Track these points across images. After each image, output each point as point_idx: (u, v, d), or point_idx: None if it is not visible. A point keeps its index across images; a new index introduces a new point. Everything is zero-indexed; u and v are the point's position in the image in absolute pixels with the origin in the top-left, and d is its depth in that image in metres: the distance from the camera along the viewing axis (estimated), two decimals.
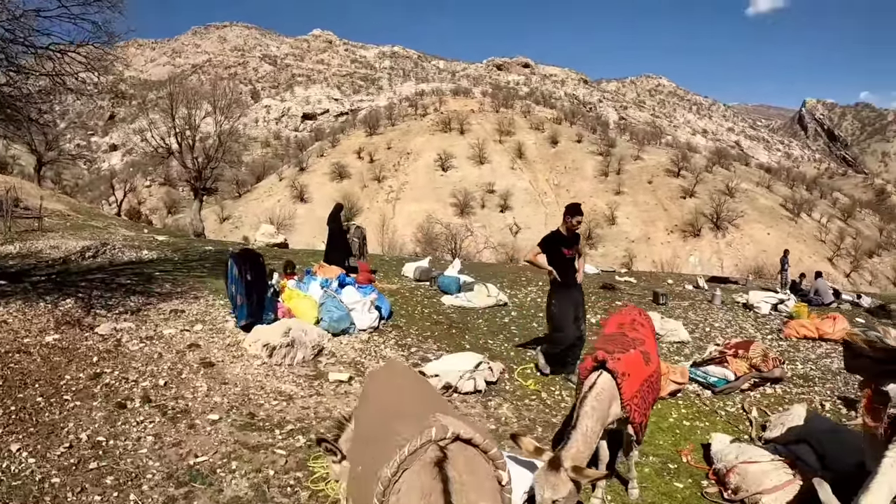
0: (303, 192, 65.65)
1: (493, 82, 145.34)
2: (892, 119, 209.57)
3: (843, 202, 79.99)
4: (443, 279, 12.36)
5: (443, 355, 7.54)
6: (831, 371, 8.09)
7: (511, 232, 59.92)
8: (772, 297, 12.39)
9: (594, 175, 70.41)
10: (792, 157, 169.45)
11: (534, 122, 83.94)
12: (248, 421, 5.16)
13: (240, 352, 6.88)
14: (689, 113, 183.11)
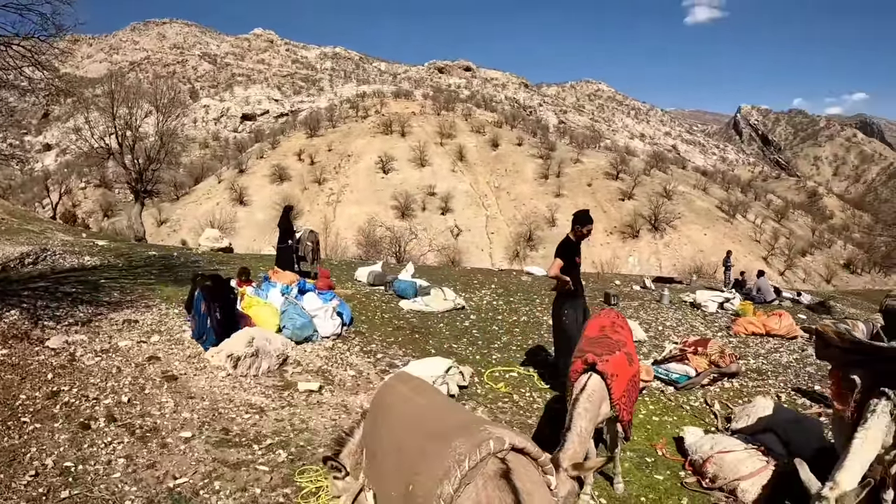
0: (242, 195, 63.80)
1: (434, 85, 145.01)
2: (823, 125, 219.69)
3: (776, 204, 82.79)
4: (399, 284, 12.22)
5: (410, 361, 7.45)
6: (782, 364, 8.47)
7: (452, 234, 60.05)
8: (718, 296, 12.83)
9: (534, 178, 71.20)
10: (727, 160, 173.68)
11: (475, 125, 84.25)
12: (222, 437, 4.92)
13: (202, 363, 6.57)
14: (627, 117, 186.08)
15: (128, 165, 22.06)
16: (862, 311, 14.98)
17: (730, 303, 12.49)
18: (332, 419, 5.65)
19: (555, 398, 6.86)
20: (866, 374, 3.94)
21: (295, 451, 4.84)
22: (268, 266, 13.28)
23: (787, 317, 10.31)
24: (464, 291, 12.81)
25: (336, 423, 5.54)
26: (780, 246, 59.84)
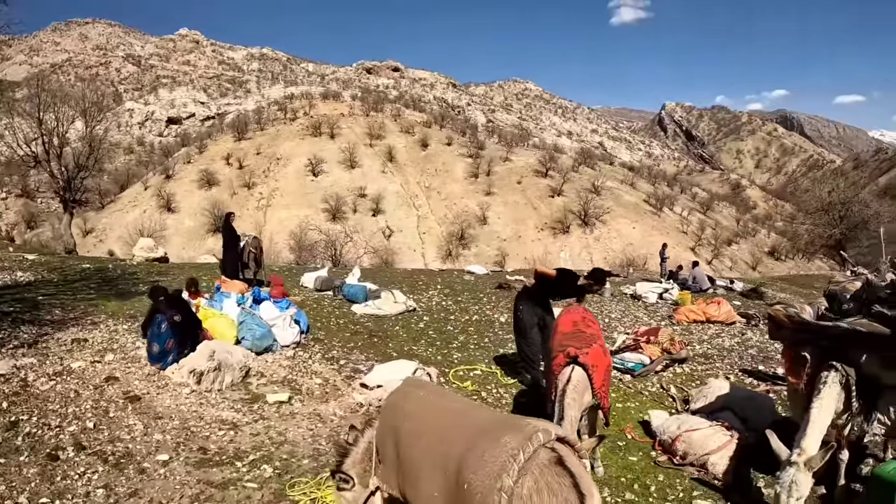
0: (170, 202, 60.60)
1: (362, 86, 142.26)
2: (745, 120, 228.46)
3: (701, 196, 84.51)
4: (348, 288, 12.06)
5: (373, 365, 7.39)
6: (725, 348, 8.94)
7: (384, 236, 59.30)
8: (657, 287, 13.35)
9: (465, 177, 71.11)
10: (653, 156, 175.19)
11: (404, 125, 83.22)
12: (202, 457, 4.72)
13: (163, 381, 6.26)
14: (554, 116, 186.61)
15: (55, 173, 20.56)
16: (791, 295, 15.98)
17: (668, 293, 13.02)
18: (308, 429, 5.52)
19: (521, 392, 6.99)
20: (815, 350, 4.36)
21: (280, 465, 4.71)
22: (210, 275, 12.81)
23: (724, 304, 10.88)
24: (411, 293, 12.77)
25: (314, 433, 5.43)
26: (707, 236, 61.43)
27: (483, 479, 2.42)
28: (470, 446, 2.58)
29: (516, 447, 2.43)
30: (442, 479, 2.63)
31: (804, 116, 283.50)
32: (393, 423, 3.08)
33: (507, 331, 10.08)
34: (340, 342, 8.59)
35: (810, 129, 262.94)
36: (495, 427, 2.66)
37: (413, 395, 3.22)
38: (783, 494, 3.79)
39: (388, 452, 3.07)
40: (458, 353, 8.58)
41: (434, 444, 2.78)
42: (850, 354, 4.22)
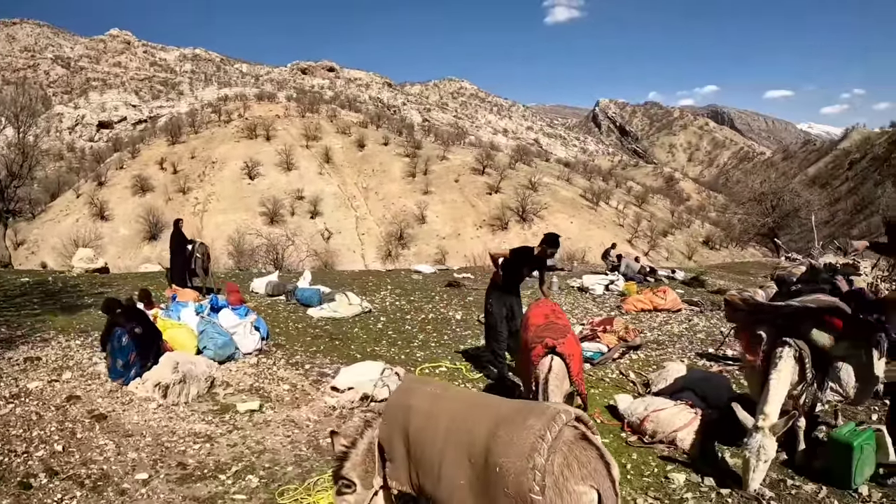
0: (103, 209, 57.33)
1: (297, 86, 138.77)
2: (677, 115, 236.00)
3: (636, 190, 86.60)
4: (302, 292, 11.85)
5: (339, 368, 7.31)
6: (675, 334, 9.33)
7: (323, 238, 58.24)
8: (603, 279, 13.72)
9: (402, 177, 70.67)
10: (587, 151, 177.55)
11: (340, 126, 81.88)
12: (182, 472, 4.55)
13: (127, 397, 5.99)
14: (490, 114, 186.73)
15: None
16: (729, 282, 16.69)
17: (614, 284, 13.40)
18: (285, 436, 5.42)
19: (488, 386, 7.08)
20: (770, 329, 4.71)
21: (264, 475, 4.61)
22: (155, 285, 12.30)
23: (670, 292, 11.34)
24: (363, 294, 12.64)
25: (292, 440, 5.34)
26: (643, 228, 62.79)
27: (515, 460, 2.51)
28: (494, 432, 2.66)
29: (542, 428, 2.55)
30: (468, 466, 2.71)
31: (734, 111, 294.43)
32: (401, 421, 3.11)
33: (463, 328, 10.19)
34: (302, 347, 8.46)
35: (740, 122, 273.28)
36: (516, 412, 2.77)
37: (419, 391, 3.26)
38: (752, 458, 4.12)
39: (397, 450, 3.10)
40: (420, 351, 8.60)
41: (453, 435, 2.84)
42: (802, 330, 4.57)
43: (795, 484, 4.50)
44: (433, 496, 2.91)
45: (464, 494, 2.71)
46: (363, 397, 6.39)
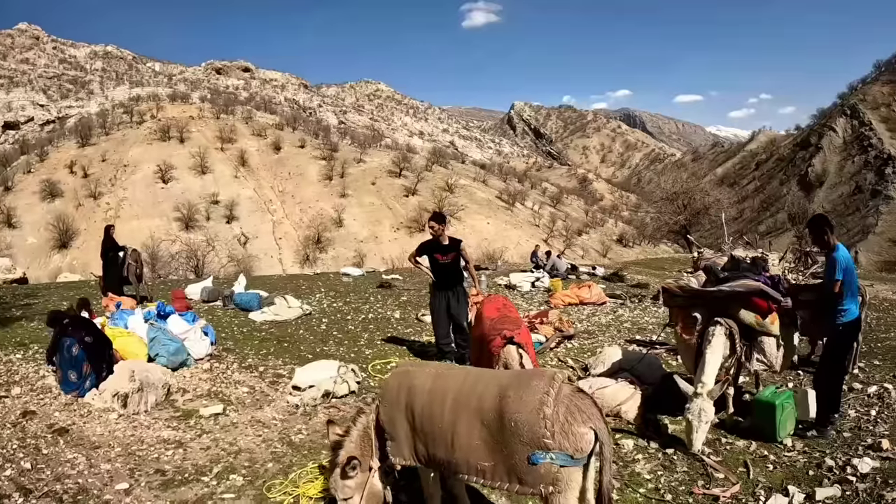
0: (10, 216, 51.94)
1: (212, 87, 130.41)
2: (591, 118, 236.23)
3: (551, 191, 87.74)
4: (240, 297, 11.59)
5: (294, 368, 7.29)
6: (602, 325, 9.92)
7: (240, 243, 55.93)
8: (529, 277, 14.24)
9: (319, 180, 68.94)
10: (503, 153, 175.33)
11: (256, 128, 78.77)
12: (163, 479, 4.45)
13: (85, 409, 5.72)
14: (406, 116, 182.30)
15: None
16: (646, 276, 17.71)
17: (540, 281, 13.95)
18: (256, 436, 5.40)
19: None
20: (703, 311, 5.37)
21: (247, 473, 4.60)
22: (88, 294, 11.60)
23: (595, 287, 11.98)
24: (299, 297, 12.53)
25: (264, 438, 5.33)
26: (559, 228, 63.77)
27: (527, 415, 2.90)
28: (504, 395, 3.02)
29: (546, 385, 2.98)
30: (481, 428, 3.04)
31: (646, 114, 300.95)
32: (403, 401, 3.38)
33: (404, 325, 10.36)
34: (252, 350, 8.32)
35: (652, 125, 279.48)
36: (517, 378, 3.23)
37: (418, 373, 3.52)
38: (694, 421, 4.66)
39: (400, 429, 3.37)
40: (367, 349, 8.68)
41: (462, 405, 3.15)
42: (731, 311, 5.23)
43: (729, 441, 5.10)
44: (448, 461, 3.18)
45: (481, 452, 3.03)
46: (325, 394, 6.43)
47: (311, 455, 4.99)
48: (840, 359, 5.24)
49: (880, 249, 67.05)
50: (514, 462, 2.93)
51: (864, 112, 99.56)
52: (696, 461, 4.69)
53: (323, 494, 4.22)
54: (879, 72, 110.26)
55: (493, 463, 3.01)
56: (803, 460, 4.76)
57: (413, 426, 3.33)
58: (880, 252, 65.39)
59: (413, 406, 3.34)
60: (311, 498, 4.18)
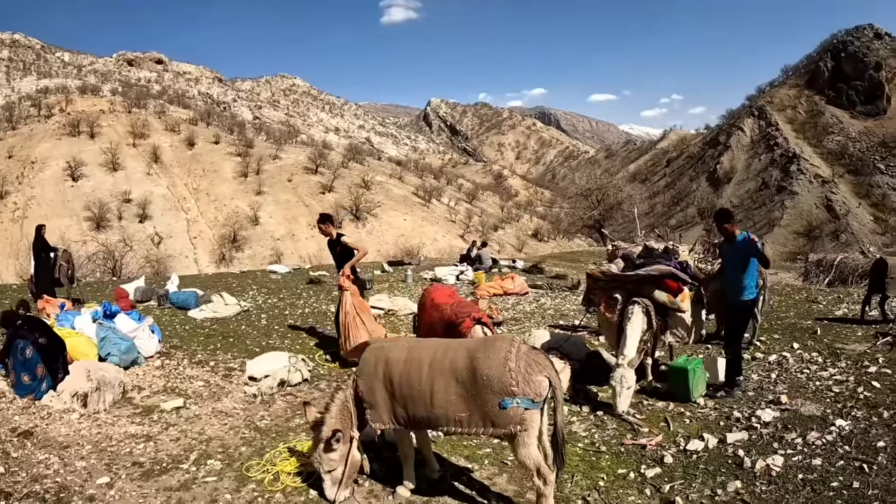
0: None
1: (123, 79, 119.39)
2: (506, 116, 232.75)
3: (467, 187, 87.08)
4: (177, 295, 11.31)
5: (244, 362, 7.38)
6: (527, 312, 10.54)
7: (153, 243, 52.63)
8: (454, 270, 14.66)
9: (234, 177, 65.59)
10: (418, 150, 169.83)
11: (169, 123, 73.60)
12: (142, 470, 4.50)
13: (44, 411, 5.53)
14: (322, 112, 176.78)
15: None
16: (563, 269, 18.50)
17: (464, 274, 14.39)
18: (223, 424, 5.52)
19: None
20: (623, 293, 6.06)
21: (222, 457, 4.74)
22: (9, 298, 10.90)
23: (517, 278, 12.56)
24: (233, 295, 12.34)
25: (230, 426, 5.46)
26: (475, 224, 63.29)
27: (495, 369, 3.44)
28: (473, 356, 3.55)
29: (508, 345, 3.56)
30: (456, 385, 3.53)
31: (561, 112, 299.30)
32: (381, 372, 3.78)
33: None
34: (199, 346, 8.26)
35: (566, 123, 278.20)
36: (483, 342, 3.79)
37: (392, 347, 3.95)
38: (618, 386, 5.33)
39: (379, 396, 3.78)
40: (310, 341, 8.80)
41: (437, 368, 3.62)
42: (646, 292, 5.93)
43: (650, 404, 5.84)
44: (428, 417, 3.64)
45: (458, 405, 3.52)
46: (280, 383, 6.60)
47: (279, 438, 5.18)
48: (741, 330, 6.07)
49: (785, 241, 70.14)
50: (487, 409, 3.42)
51: (771, 113, 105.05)
52: (623, 420, 5.33)
53: (300, 469, 4.45)
54: (787, 76, 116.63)
55: (469, 413, 3.49)
56: (714, 414, 5.42)
57: (392, 393, 3.72)
58: (785, 243, 67.76)
59: (391, 375, 3.74)
60: (289, 473, 4.40)
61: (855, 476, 4.06)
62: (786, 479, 4.10)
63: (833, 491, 3.90)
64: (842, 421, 4.95)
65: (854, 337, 8.01)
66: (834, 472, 4.14)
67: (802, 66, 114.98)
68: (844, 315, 9.90)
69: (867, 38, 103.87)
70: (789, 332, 8.50)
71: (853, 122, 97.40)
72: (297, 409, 5.89)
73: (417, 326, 6.69)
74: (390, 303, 11.08)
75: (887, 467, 4.13)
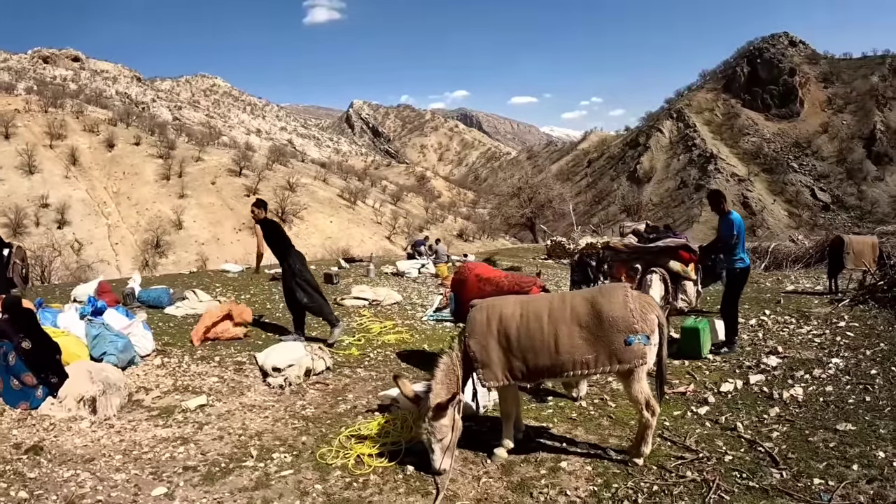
0: None
1: (38, 77, 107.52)
2: (429, 118, 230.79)
3: (391, 189, 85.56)
4: (148, 293, 10.00)
5: (250, 354, 6.59)
6: None
7: (73, 250, 47.96)
8: (416, 264, 14.29)
9: (156, 179, 60.85)
10: (341, 152, 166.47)
11: (87, 123, 67.07)
12: (200, 474, 3.73)
13: (45, 421, 4.51)
14: (243, 113, 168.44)
15: None
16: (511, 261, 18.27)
17: (425, 267, 14.06)
18: (265, 417, 4.86)
19: None
20: (642, 263, 6.42)
21: (286, 450, 4.13)
22: None
23: None
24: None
25: (274, 418, 4.81)
26: (400, 225, 62.43)
27: (619, 311, 3.56)
28: (593, 302, 3.64)
29: (622, 290, 3.72)
30: (579, 329, 3.60)
31: (483, 114, 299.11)
32: (496, 329, 3.71)
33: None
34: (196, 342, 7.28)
35: (488, 125, 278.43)
36: (597, 290, 3.86)
37: (501, 305, 3.87)
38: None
39: (493, 353, 3.69)
40: (309, 331, 8.03)
41: (558, 317, 3.65)
42: (662, 262, 6.22)
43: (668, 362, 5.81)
44: (552, 365, 3.65)
45: (584, 348, 3.58)
46: (307, 372, 5.93)
47: (334, 424, 4.68)
48: (737, 295, 6.44)
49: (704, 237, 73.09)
50: (613, 348, 3.53)
51: (689, 115, 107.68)
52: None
53: (381, 449, 4.04)
54: (705, 80, 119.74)
55: (596, 354, 3.57)
56: (727, 366, 5.94)
57: (508, 348, 3.67)
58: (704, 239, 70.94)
59: (507, 330, 3.68)
60: (370, 455, 3.96)
61: (864, 394, 4.76)
62: (810, 403, 4.72)
63: (852, 406, 4.57)
64: (836, 359, 5.67)
65: (814, 304, 8.60)
66: (846, 394, 4.82)
67: (720, 70, 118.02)
68: (795, 290, 10.87)
69: (782, 45, 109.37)
70: (756, 303, 9.09)
71: (768, 124, 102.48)
72: (334, 396, 5.43)
73: (458, 301, 6.18)
74: (373, 293, 10.53)
75: (886, 386, 4.87)
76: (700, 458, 3.78)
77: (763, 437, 4.08)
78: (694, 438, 4.13)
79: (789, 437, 4.07)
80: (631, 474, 3.62)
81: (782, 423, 4.32)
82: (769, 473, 3.52)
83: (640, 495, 3.36)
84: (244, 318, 7.49)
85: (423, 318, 9.14)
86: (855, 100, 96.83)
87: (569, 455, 3.94)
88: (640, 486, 3.46)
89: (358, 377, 6.09)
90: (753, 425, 4.33)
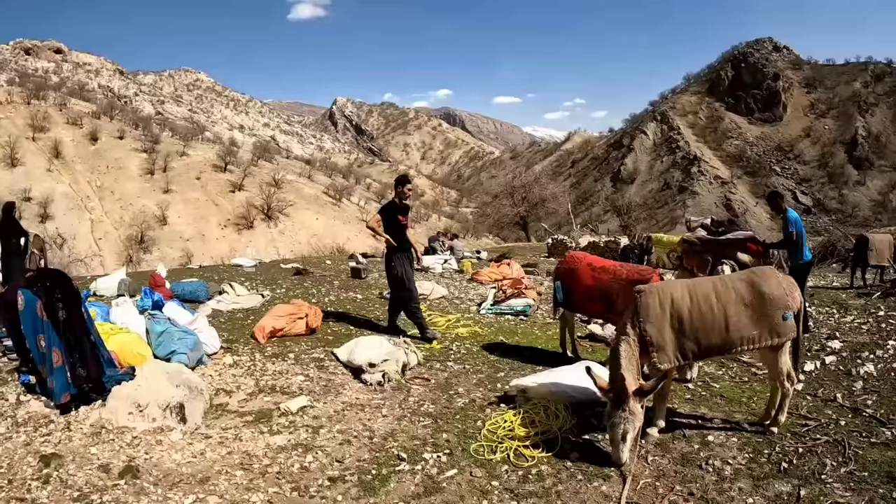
0: None
1: (20, 69, 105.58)
2: (412, 116, 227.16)
3: (375, 186, 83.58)
4: (182, 286, 9.22)
5: (325, 350, 6.10)
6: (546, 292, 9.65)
7: (56, 245, 46.62)
8: (439, 259, 13.90)
9: (140, 174, 59.09)
10: (324, 149, 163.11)
11: (71, 116, 65.07)
12: (353, 484, 3.24)
13: (127, 435, 3.90)
14: (226, 109, 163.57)
15: None
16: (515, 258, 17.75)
17: (447, 263, 13.64)
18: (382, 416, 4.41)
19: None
20: (713, 255, 6.75)
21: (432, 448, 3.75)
22: None
23: (514, 264, 12.46)
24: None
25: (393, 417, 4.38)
26: None
27: (776, 290, 3.87)
28: (753, 283, 3.92)
29: (771, 271, 4.07)
30: (745, 309, 3.85)
31: (466, 114, 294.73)
32: (668, 312, 3.87)
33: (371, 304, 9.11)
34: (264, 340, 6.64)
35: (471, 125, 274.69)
36: (752, 273, 4.12)
37: (670, 289, 4.01)
38: None
39: (667, 336, 3.84)
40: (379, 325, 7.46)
41: (725, 298, 3.88)
42: (731, 253, 6.64)
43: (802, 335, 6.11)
44: (723, 343, 3.86)
45: (750, 325, 3.83)
46: (403, 367, 5.46)
47: (468, 419, 4.37)
48: (802, 287, 6.36)
49: None
50: (774, 323, 3.82)
51: (673, 118, 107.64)
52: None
53: (536, 439, 3.93)
54: (689, 83, 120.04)
55: (759, 330, 3.84)
56: None
57: (680, 330, 3.85)
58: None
59: (680, 313, 3.86)
60: (525, 446, 3.84)
61: None
62: (885, 376, 5.12)
63: None
64: (892, 341, 5.98)
65: (845, 296, 8.97)
66: None
67: (704, 74, 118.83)
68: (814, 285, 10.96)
69: (766, 50, 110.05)
70: None
71: (751, 128, 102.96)
72: (444, 391, 5.04)
73: (568, 291, 5.67)
74: (419, 287, 9.92)
75: None
76: (821, 424, 4.18)
77: (861, 405, 4.53)
78: (805, 409, 4.51)
79: (882, 404, 4.52)
80: (772, 441, 3.93)
81: (870, 394, 4.77)
82: (881, 433, 3.99)
83: (792, 457, 3.71)
84: (318, 322, 6.98)
85: (482, 311, 8.61)
86: (837, 105, 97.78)
87: (708, 430, 4.16)
88: (786, 450, 3.81)
89: (454, 371, 5.65)
90: (847, 396, 4.76)
